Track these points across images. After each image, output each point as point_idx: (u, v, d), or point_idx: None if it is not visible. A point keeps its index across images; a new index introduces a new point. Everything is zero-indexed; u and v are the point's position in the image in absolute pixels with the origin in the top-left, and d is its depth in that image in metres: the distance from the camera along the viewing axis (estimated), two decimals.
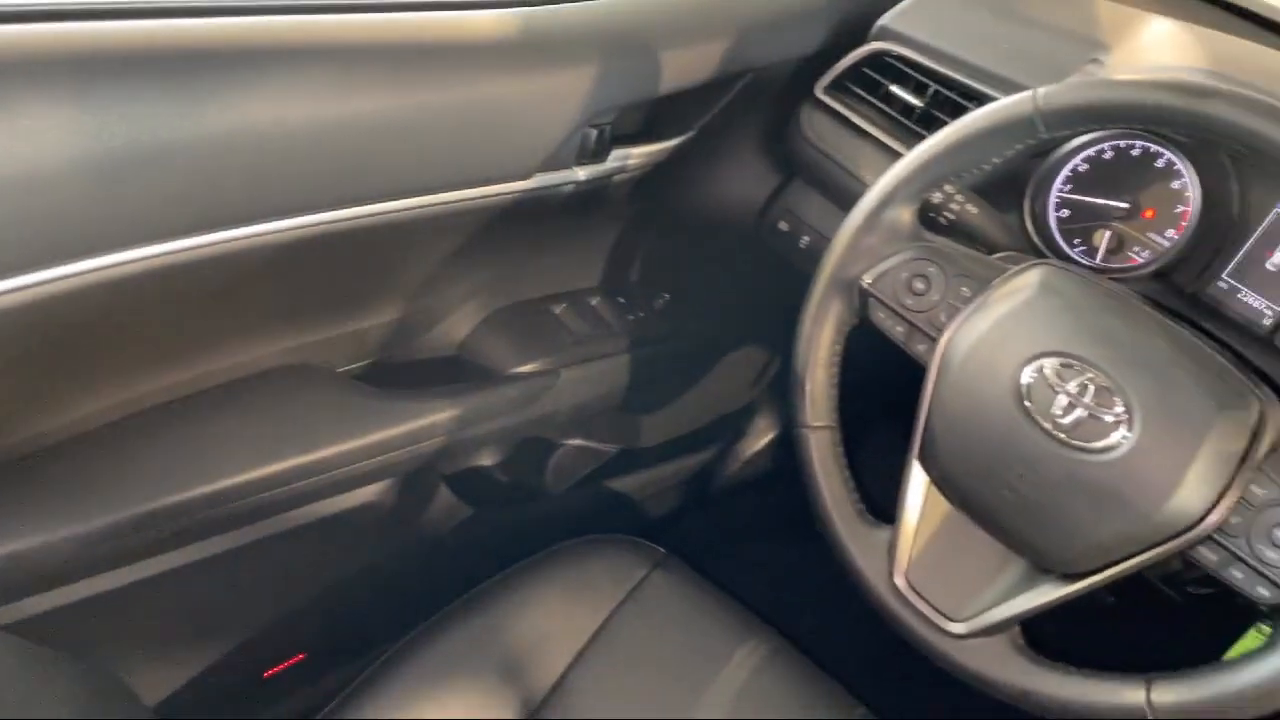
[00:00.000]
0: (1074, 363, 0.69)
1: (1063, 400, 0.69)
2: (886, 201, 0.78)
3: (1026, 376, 0.70)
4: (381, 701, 0.86)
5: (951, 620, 0.74)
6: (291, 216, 0.79)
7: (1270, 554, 0.64)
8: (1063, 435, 0.69)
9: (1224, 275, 0.91)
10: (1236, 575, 0.66)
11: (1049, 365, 0.70)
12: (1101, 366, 0.68)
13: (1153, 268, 0.91)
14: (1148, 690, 0.67)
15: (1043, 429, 0.69)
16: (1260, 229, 0.90)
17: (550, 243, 1.08)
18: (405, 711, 0.86)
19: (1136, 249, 0.93)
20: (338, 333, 0.99)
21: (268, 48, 0.75)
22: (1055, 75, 0.89)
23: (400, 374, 1.03)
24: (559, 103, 0.91)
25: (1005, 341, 0.72)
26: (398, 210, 0.85)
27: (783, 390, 1.14)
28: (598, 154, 0.98)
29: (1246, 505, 0.65)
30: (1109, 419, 0.67)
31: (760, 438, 1.60)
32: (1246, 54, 0.97)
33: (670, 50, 0.97)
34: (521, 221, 0.97)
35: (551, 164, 0.94)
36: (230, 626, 1.05)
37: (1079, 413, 0.68)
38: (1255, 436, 0.66)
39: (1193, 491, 0.65)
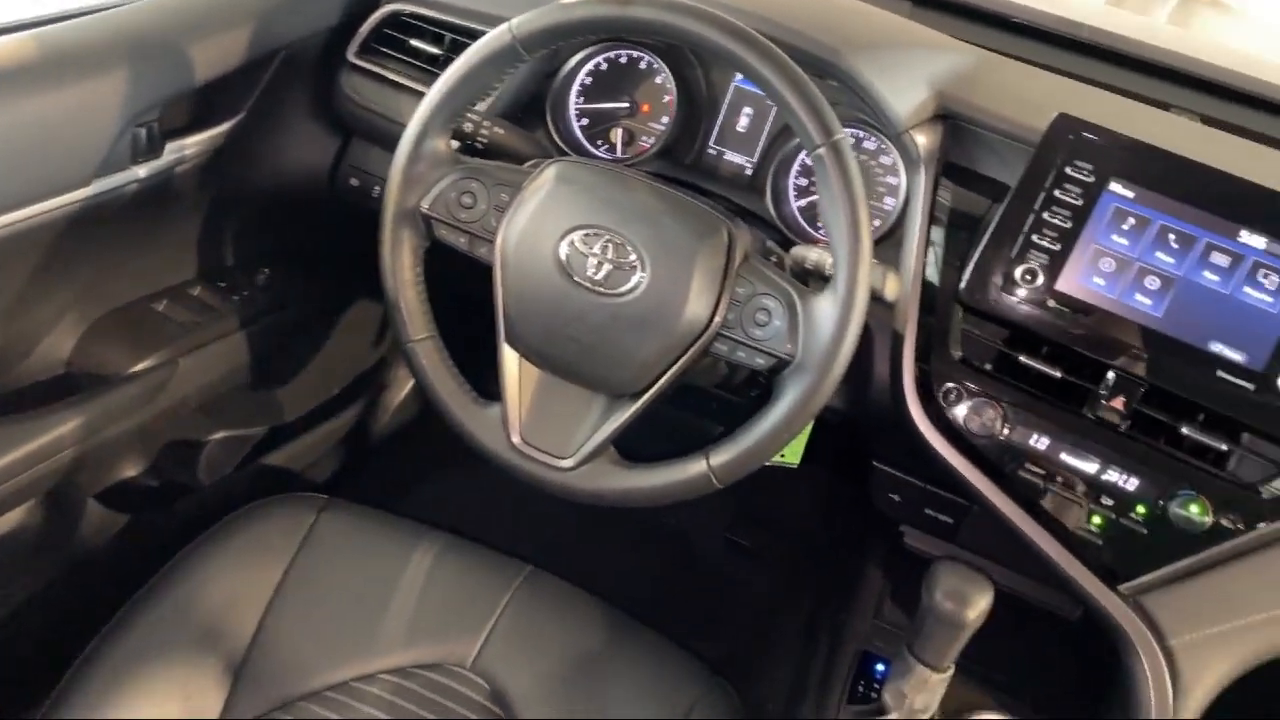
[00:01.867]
0: (593, 230, 0.87)
1: (593, 261, 0.87)
2: (421, 136, 0.92)
3: (563, 250, 0.88)
4: (82, 702, 0.89)
5: (562, 458, 0.91)
6: None
7: (757, 332, 0.87)
8: (600, 288, 0.87)
9: (711, 144, 1.15)
10: (741, 355, 0.88)
11: (577, 237, 0.87)
12: (613, 229, 0.87)
13: (656, 149, 1.13)
14: (707, 459, 0.88)
15: (584, 288, 0.87)
16: (725, 103, 1.14)
17: (136, 243, 1.11)
18: (110, 705, 0.89)
19: (645, 138, 1.14)
20: None
21: None
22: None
23: (11, 402, 1.02)
24: (98, 109, 0.95)
25: (541, 227, 0.89)
26: None
27: None
28: (152, 150, 1.02)
29: (736, 303, 0.87)
30: (627, 267, 0.86)
31: (403, 386, 1.71)
32: None
33: (198, 43, 1.03)
34: (98, 227, 1.00)
35: (107, 167, 0.98)
36: None
37: (606, 268, 0.87)
38: (729, 252, 0.88)
39: (697, 302, 0.86)
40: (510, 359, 0.93)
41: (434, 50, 1.15)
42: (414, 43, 1.16)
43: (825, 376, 0.84)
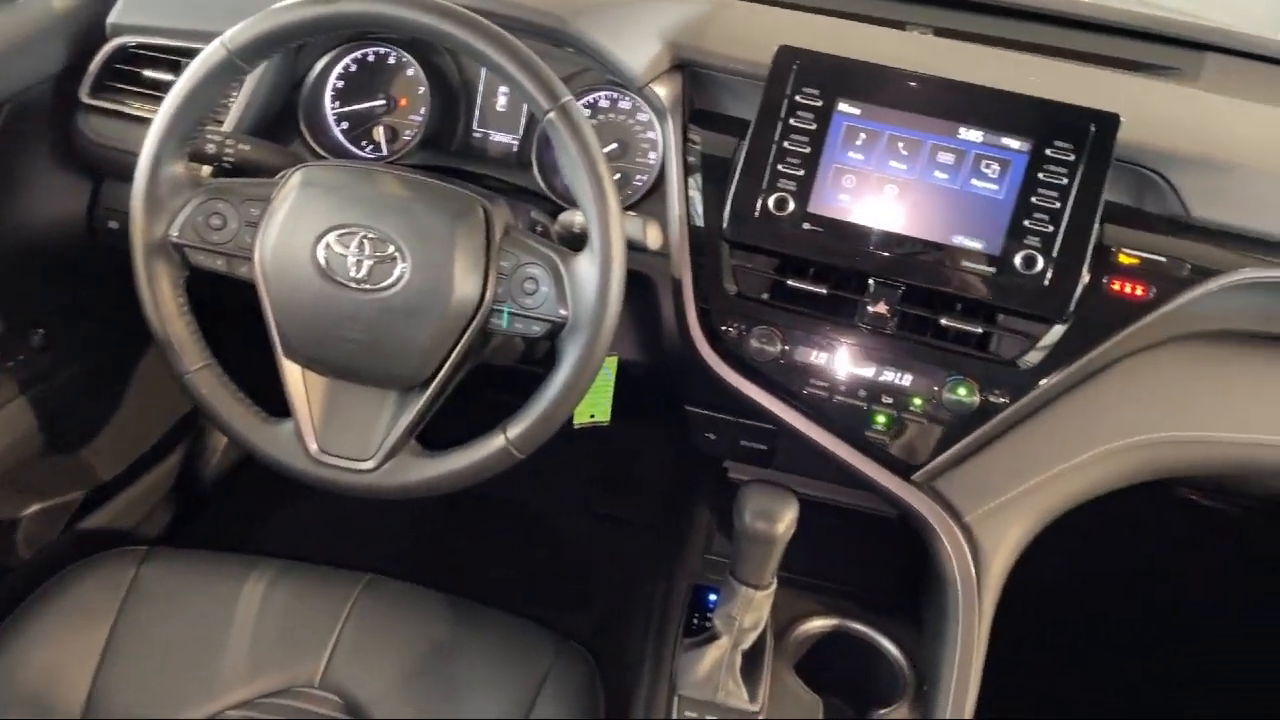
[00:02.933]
0: (347, 229, 0.87)
1: (352, 260, 0.87)
2: (155, 165, 0.90)
3: (320, 254, 0.88)
4: None
5: (363, 460, 0.92)
6: None
7: (528, 301, 0.89)
8: (365, 285, 0.87)
9: (475, 127, 1.16)
10: (519, 326, 0.90)
11: (332, 239, 0.87)
12: (367, 224, 0.87)
13: (417, 141, 1.13)
14: (505, 432, 0.90)
15: (349, 288, 0.87)
16: (481, 86, 1.16)
17: None
18: None
19: (407, 132, 1.15)
20: None
21: None
22: None
23: None
24: None
25: (294, 235, 0.88)
26: None
27: None
28: None
29: (503, 276, 0.89)
30: (387, 260, 0.87)
31: None
32: None
33: None
34: None
35: None
36: None
37: (367, 264, 0.87)
38: (488, 229, 0.89)
39: (464, 282, 0.87)
40: (292, 371, 0.93)
41: (170, 77, 1.12)
42: (148, 73, 1.12)
43: (599, 332, 0.87)
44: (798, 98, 0.98)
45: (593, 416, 1.09)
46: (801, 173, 0.98)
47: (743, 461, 1.25)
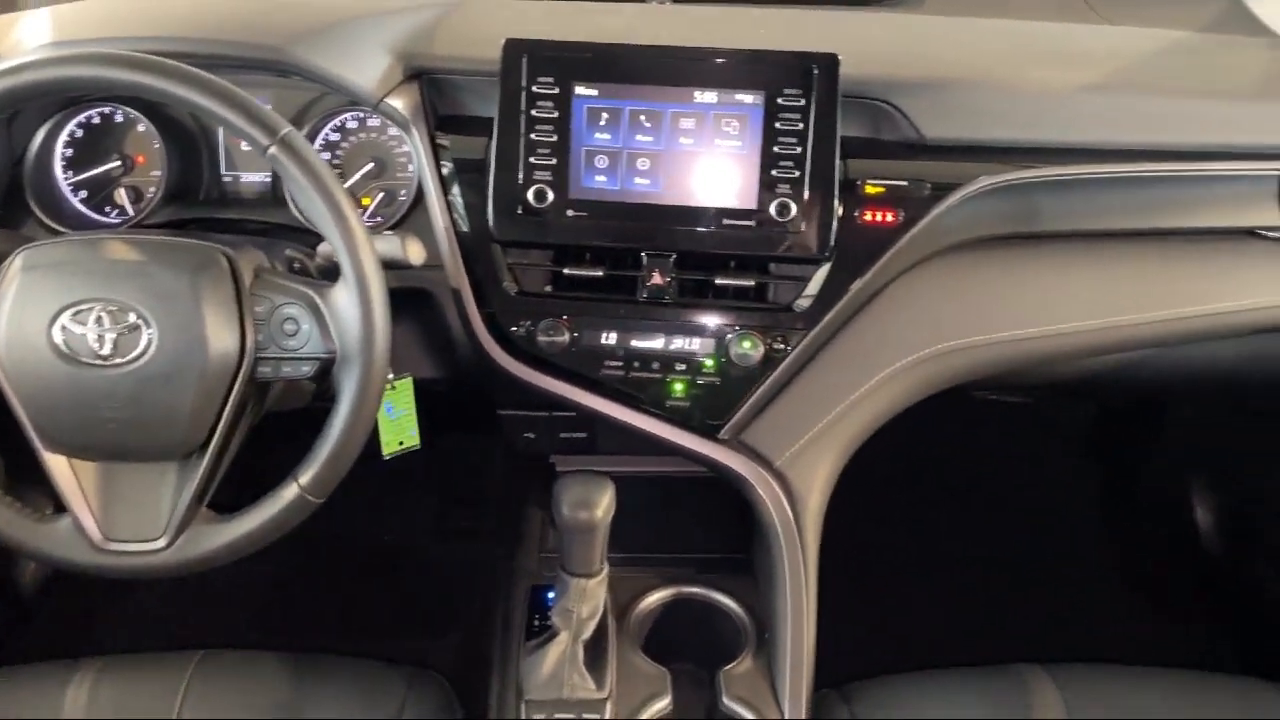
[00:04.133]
0: (80, 306, 0.83)
1: (93, 336, 0.82)
2: None
3: (57, 337, 0.82)
4: None
5: (154, 540, 0.87)
6: None
7: (291, 343, 0.86)
8: (113, 360, 0.83)
9: (223, 171, 1.12)
10: (288, 370, 0.87)
11: (65, 319, 0.82)
12: (100, 296, 0.83)
13: (160, 198, 1.08)
14: (297, 480, 0.87)
15: (97, 366, 0.83)
16: (220, 130, 1.11)
17: None
18: None
19: (150, 190, 1.09)
20: None
21: None
22: None
23: None
24: None
25: (23, 324, 0.83)
26: None
27: None
28: None
29: (260, 322, 0.86)
30: (131, 329, 0.83)
31: None
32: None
33: None
34: None
35: None
36: None
37: (110, 338, 0.82)
38: (235, 276, 0.86)
39: (219, 337, 0.84)
40: (58, 464, 0.87)
41: None
42: None
43: (371, 360, 0.85)
44: (534, 88, 0.98)
45: (401, 444, 1.07)
46: (554, 161, 0.99)
47: (568, 453, 1.25)
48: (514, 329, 1.02)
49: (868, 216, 0.99)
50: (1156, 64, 1.08)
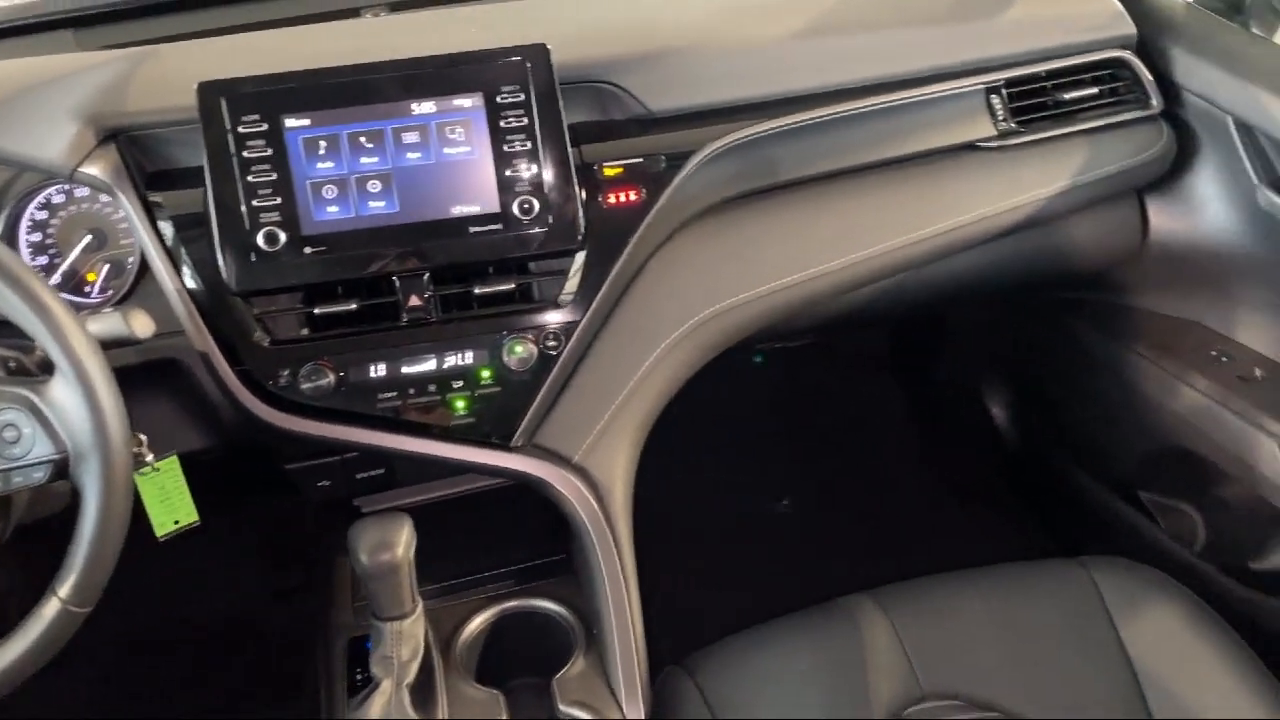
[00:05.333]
0: None
1: None
2: None
3: None
4: None
5: None
6: None
7: (16, 450, 0.78)
8: None
9: None
10: (19, 480, 0.79)
11: None
12: None
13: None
14: (55, 593, 0.79)
15: None
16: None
17: None
18: None
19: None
20: None
21: None
22: None
23: None
24: None
25: None
26: None
27: None
28: None
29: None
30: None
31: None
32: None
33: None
34: None
35: None
36: None
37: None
38: None
39: None
40: None
41: None
42: None
43: (109, 452, 0.78)
44: (240, 129, 0.93)
45: (177, 523, 1.00)
46: (279, 200, 0.94)
47: (370, 492, 1.21)
48: (273, 381, 0.97)
49: (611, 199, 0.99)
50: (855, 3, 1.12)
